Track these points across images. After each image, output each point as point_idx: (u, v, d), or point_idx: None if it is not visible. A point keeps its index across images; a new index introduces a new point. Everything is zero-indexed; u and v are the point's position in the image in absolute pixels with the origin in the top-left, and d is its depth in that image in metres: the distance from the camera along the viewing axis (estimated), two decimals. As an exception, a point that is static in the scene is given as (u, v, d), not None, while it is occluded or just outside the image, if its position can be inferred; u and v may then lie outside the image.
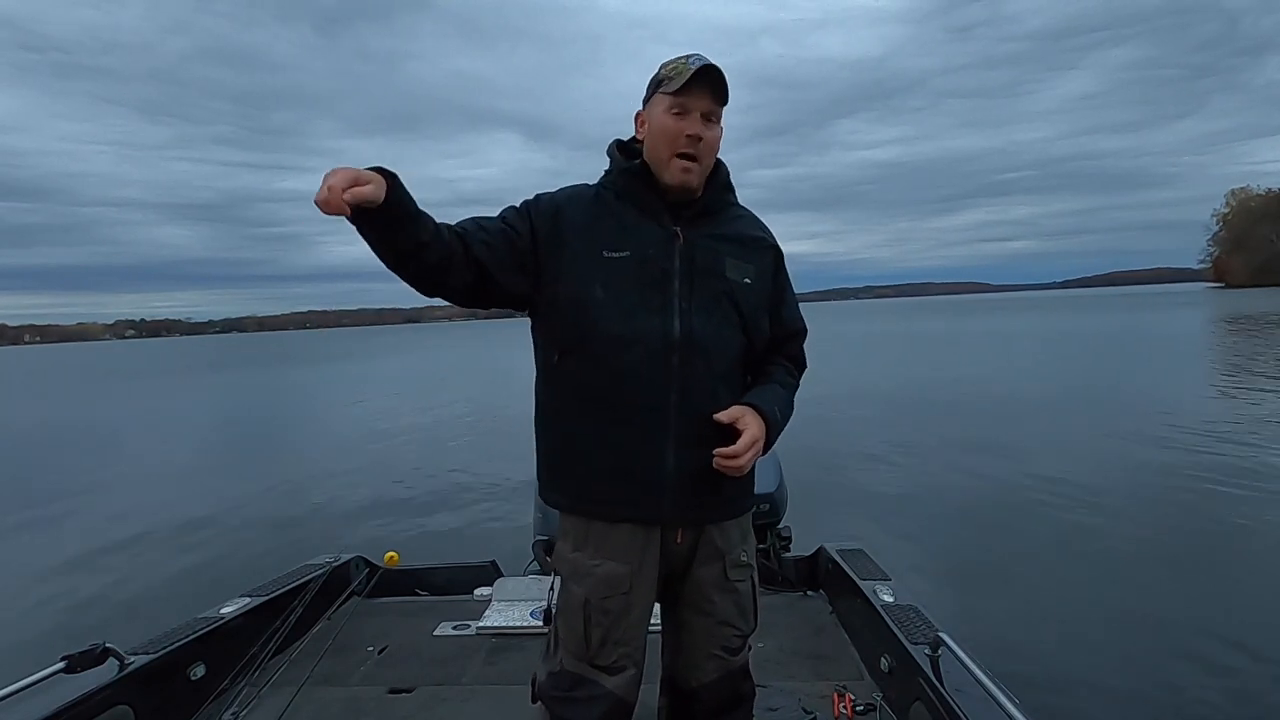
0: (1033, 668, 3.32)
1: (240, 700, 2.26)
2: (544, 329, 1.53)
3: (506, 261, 1.44)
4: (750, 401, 1.48)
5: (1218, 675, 3.29)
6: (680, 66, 1.42)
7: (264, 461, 10.43)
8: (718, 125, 1.46)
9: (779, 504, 3.13)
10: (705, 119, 1.43)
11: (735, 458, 1.39)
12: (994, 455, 8.07)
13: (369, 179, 1.19)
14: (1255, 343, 20.58)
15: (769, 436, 1.47)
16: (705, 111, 1.43)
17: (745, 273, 1.51)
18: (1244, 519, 5.47)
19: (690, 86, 1.40)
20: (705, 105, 1.43)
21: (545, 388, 1.54)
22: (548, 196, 1.52)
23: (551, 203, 1.50)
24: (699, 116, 1.42)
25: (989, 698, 1.66)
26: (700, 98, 1.42)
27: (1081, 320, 42.39)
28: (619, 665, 1.49)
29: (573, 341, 1.47)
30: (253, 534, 6.44)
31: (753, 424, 1.43)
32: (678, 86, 1.40)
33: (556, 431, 1.52)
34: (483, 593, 3.12)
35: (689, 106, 1.42)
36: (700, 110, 1.42)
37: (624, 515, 1.47)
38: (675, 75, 1.41)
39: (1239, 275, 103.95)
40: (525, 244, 1.46)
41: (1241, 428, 8.75)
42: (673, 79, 1.41)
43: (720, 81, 1.42)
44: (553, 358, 1.51)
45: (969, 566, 4.76)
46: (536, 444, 1.57)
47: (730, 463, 1.40)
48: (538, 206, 1.50)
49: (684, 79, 1.39)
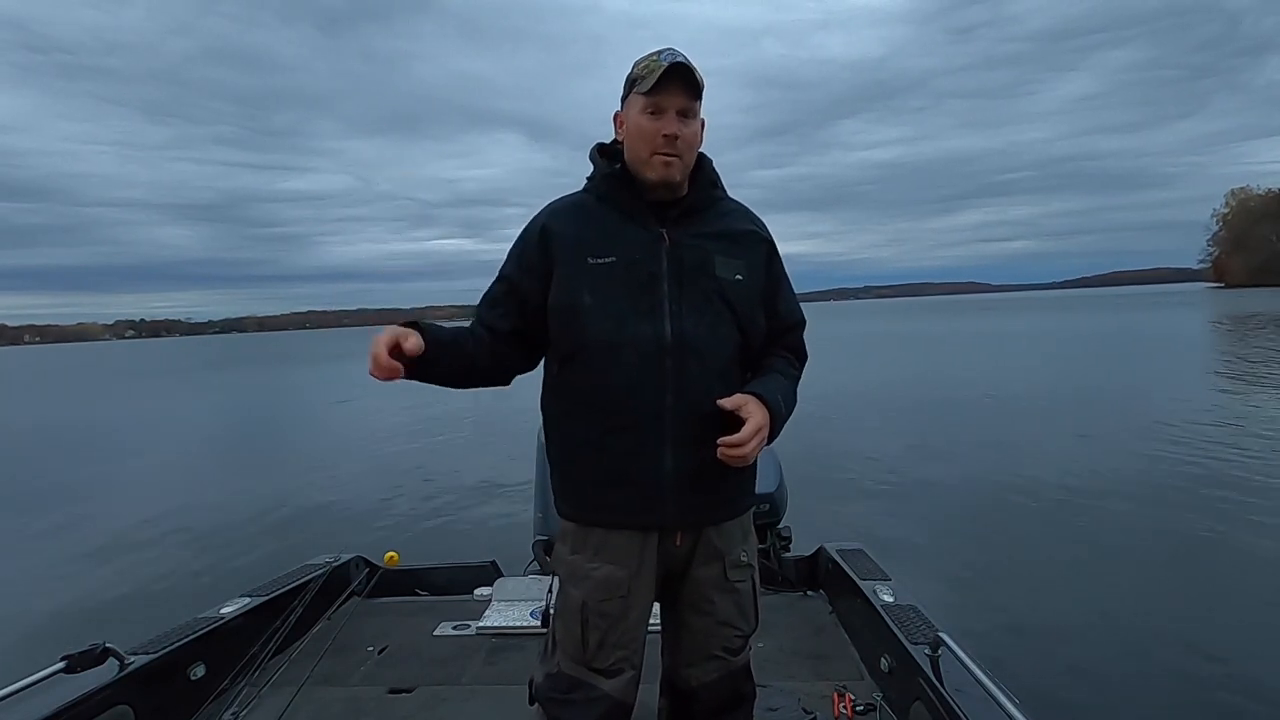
0: (1033, 668, 3.32)
1: (240, 700, 2.26)
2: (549, 341, 1.53)
3: (528, 315, 1.50)
4: (753, 390, 1.45)
5: (1217, 675, 3.29)
6: (652, 64, 1.41)
7: (264, 461, 10.44)
8: (695, 120, 1.46)
9: (779, 504, 3.13)
10: (681, 115, 1.42)
11: (739, 446, 1.37)
12: (994, 455, 8.07)
13: (406, 333, 1.32)
14: (1255, 342, 20.58)
15: (773, 426, 1.44)
16: (680, 108, 1.42)
17: (736, 269, 1.49)
18: (1245, 519, 5.46)
19: (662, 85, 1.39)
20: (680, 102, 1.42)
21: (549, 398, 1.55)
22: (534, 221, 1.52)
23: (537, 225, 1.51)
24: (674, 114, 1.42)
25: (989, 698, 1.65)
26: (674, 95, 1.41)
27: (1081, 320, 42.38)
28: (617, 668, 1.49)
29: (568, 350, 1.47)
30: (253, 534, 6.44)
31: (756, 412, 1.40)
32: (650, 86, 1.39)
33: (559, 441, 1.52)
34: (483, 593, 3.11)
35: (663, 105, 1.41)
36: (675, 108, 1.42)
37: (625, 522, 1.47)
38: (647, 74, 1.40)
39: (1239, 275, 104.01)
40: (530, 284, 1.48)
41: (1242, 427, 8.75)
42: (645, 78, 1.41)
43: (691, 77, 1.41)
44: (554, 369, 1.52)
45: (969, 566, 4.76)
46: (547, 454, 1.57)
47: (734, 451, 1.37)
48: (525, 239, 1.52)
49: (655, 78, 1.39)
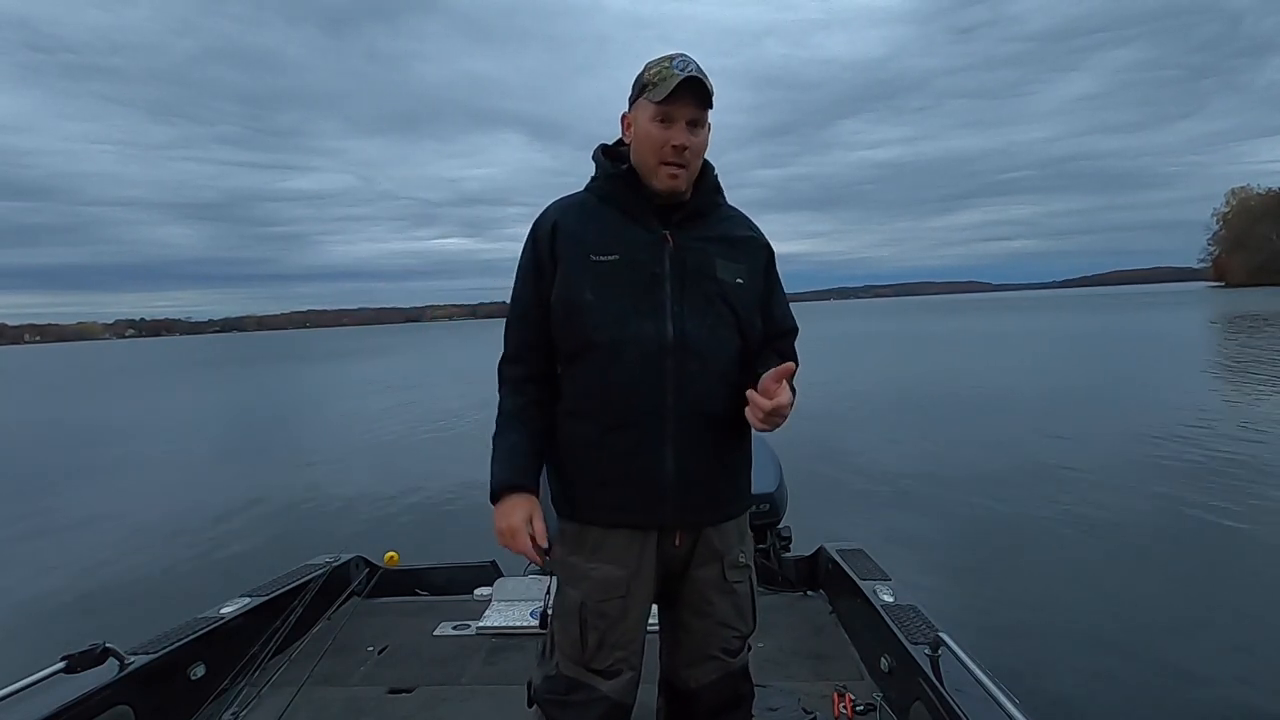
0: (1033, 668, 3.32)
1: (240, 700, 2.26)
2: (554, 339, 1.52)
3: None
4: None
5: (1218, 674, 3.29)
6: (664, 72, 1.40)
7: (264, 461, 10.43)
8: (704, 129, 1.46)
9: (779, 504, 3.13)
10: (691, 125, 1.42)
11: (769, 408, 1.34)
12: (994, 455, 8.07)
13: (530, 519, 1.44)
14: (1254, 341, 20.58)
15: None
16: (691, 118, 1.42)
17: (737, 273, 1.50)
18: (1245, 518, 5.47)
19: (676, 96, 1.39)
20: (690, 113, 1.42)
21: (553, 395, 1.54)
22: (544, 220, 1.52)
23: (548, 223, 1.50)
24: (684, 125, 1.42)
25: (989, 698, 1.65)
26: (685, 106, 1.41)
27: (1081, 319, 42.39)
28: (615, 669, 1.49)
29: (570, 349, 1.47)
30: (253, 534, 6.44)
31: (787, 390, 1.38)
32: (663, 96, 1.39)
33: (559, 440, 1.52)
34: (483, 593, 3.11)
35: (674, 115, 1.41)
36: (685, 118, 1.41)
37: (625, 522, 1.47)
38: (660, 82, 1.40)
39: (1239, 274, 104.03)
40: (549, 291, 1.48)
41: (1242, 426, 8.75)
42: (658, 86, 1.40)
43: (704, 89, 1.41)
44: (557, 368, 1.52)
45: (969, 566, 4.77)
46: (546, 456, 1.56)
47: (767, 402, 1.34)
48: (537, 241, 1.50)
49: (669, 88, 1.38)
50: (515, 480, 1.47)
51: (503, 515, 1.45)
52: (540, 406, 1.52)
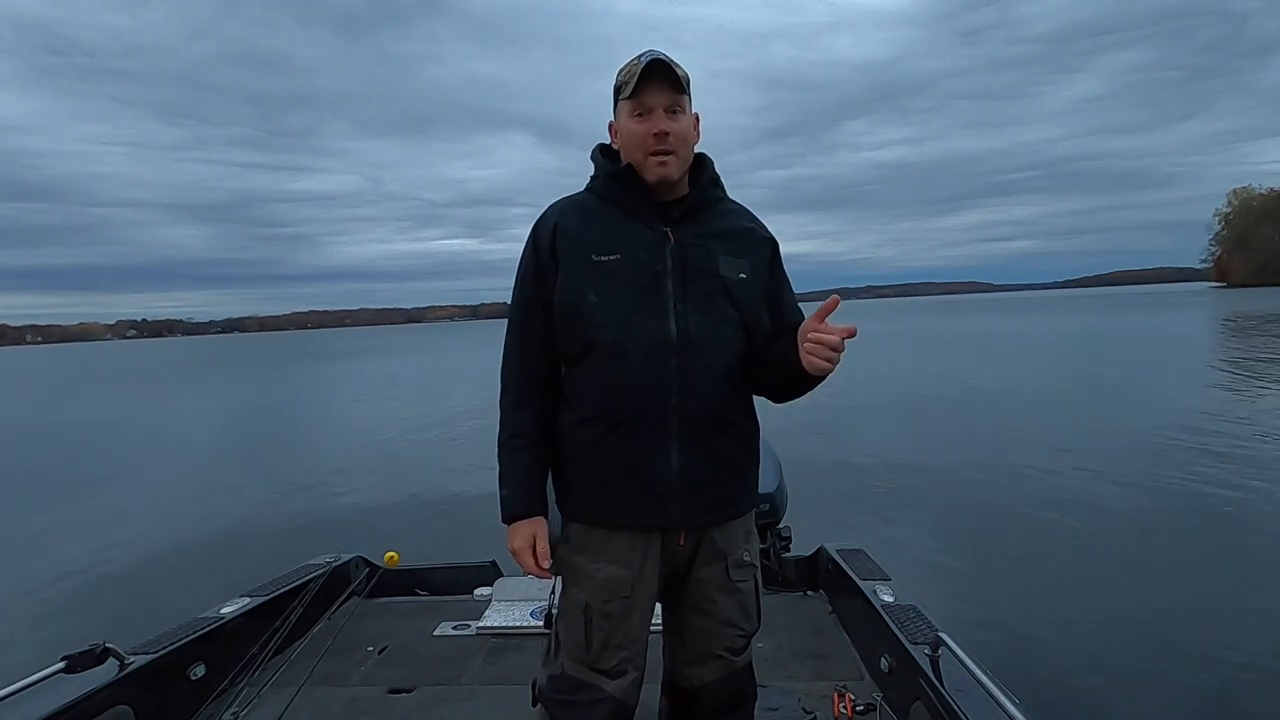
0: (1033, 668, 3.32)
1: (240, 700, 2.26)
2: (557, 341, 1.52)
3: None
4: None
5: (1218, 674, 3.29)
6: (631, 68, 1.41)
7: (264, 461, 10.42)
8: (684, 114, 1.45)
9: (779, 504, 3.13)
10: (669, 112, 1.42)
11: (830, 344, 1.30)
12: (994, 454, 8.05)
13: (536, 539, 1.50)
14: (1255, 341, 20.56)
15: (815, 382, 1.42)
16: (666, 105, 1.42)
17: (740, 268, 1.49)
18: (1245, 518, 5.46)
19: (644, 85, 1.40)
20: (664, 99, 1.42)
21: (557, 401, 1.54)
22: (544, 222, 1.51)
23: (549, 225, 1.50)
24: (661, 112, 1.42)
25: (989, 698, 1.65)
26: (658, 93, 1.41)
27: (1082, 319, 42.33)
28: (620, 669, 1.49)
29: (574, 350, 1.47)
30: (253, 534, 6.43)
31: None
32: (632, 89, 1.40)
33: (562, 440, 1.52)
34: (483, 593, 3.11)
35: (649, 105, 1.41)
36: (661, 105, 1.42)
37: (629, 522, 1.46)
38: (629, 79, 1.41)
39: (1240, 274, 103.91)
40: (550, 293, 1.48)
41: (1242, 426, 8.73)
42: (628, 83, 1.41)
43: (671, 73, 1.41)
44: (561, 369, 1.52)
45: (969, 566, 4.76)
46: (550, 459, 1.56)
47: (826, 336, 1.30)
48: (537, 242, 1.50)
49: (635, 80, 1.39)
50: (522, 510, 1.50)
51: (511, 538, 1.52)
52: (544, 419, 1.52)
